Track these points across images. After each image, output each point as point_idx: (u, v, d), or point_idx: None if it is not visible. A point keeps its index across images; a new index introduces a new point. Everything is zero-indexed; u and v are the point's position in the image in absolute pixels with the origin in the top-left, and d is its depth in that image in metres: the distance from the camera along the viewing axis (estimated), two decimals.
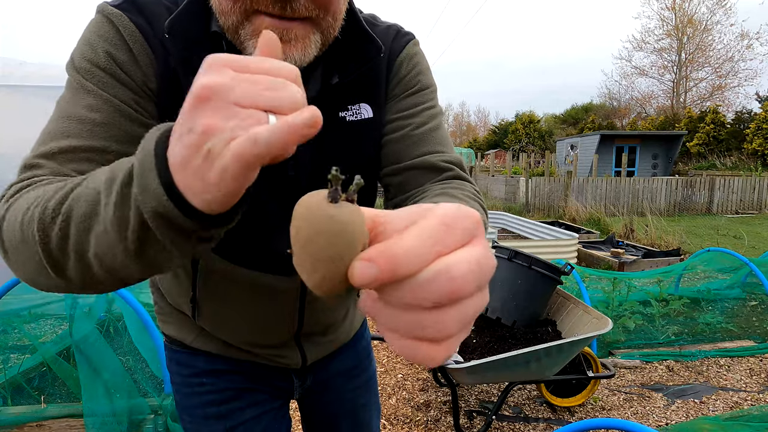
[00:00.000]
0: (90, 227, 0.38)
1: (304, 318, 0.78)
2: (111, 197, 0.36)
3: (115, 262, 0.38)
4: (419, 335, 0.26)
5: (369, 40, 0.65)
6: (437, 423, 2.39)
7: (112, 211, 0.36)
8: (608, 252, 5.81)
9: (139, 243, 0.36)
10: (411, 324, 0.26)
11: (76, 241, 0.39)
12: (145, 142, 0.35)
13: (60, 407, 1.92)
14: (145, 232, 0.35)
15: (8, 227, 0.44)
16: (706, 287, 4.10)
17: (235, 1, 0.52)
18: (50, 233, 0.39)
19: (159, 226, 0.34)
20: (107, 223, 0.36)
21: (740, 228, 8.71)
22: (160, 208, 0.33)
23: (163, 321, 0.84)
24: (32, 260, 0.42)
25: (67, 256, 0.40)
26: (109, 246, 0.37)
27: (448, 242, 0.25)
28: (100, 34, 0.55)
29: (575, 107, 40.62)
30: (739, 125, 23.81)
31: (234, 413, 0.81)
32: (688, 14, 30.95)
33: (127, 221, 0.35)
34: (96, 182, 0.39)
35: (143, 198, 0.34)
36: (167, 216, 0.33)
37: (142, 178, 0.34)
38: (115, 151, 0.53)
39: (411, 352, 0.26)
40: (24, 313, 2.70)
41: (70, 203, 0.39)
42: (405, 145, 0.69)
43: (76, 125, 0.52)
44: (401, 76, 0.71)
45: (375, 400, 1.00)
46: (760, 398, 2.61)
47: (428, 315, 0.25)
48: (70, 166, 0.50)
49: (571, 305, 2.44)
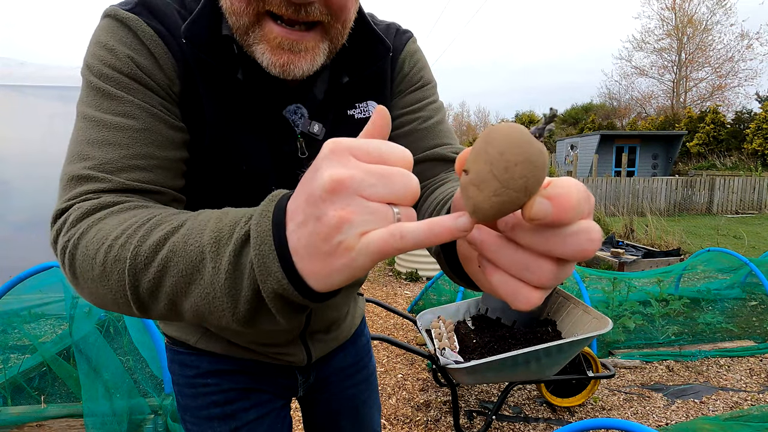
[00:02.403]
0: (190, 282, 0.38)
1: (311, 315, 0.79)
2: (221, 264, 0.37)
3: (216, 320, 0.39)
4: (526, 278, 0.29)
5: (379, 41, 0.66)
6: (437, 423, 2.39)
7: (224, 278, 0.37)
8: (608, 252, 5.81)
9: (250, 312, 0.37)
10: (525, 267, 0.29)
11: (171, 292, 0.39)
12: (259, 217, 0.35)
13: (60, 407, 1.92)
14: (259, 303, 0.37)
15: (84, 259, 0.43)
16: (706, 287, 4.10)
17: (249, 2, 0.52)
18: (141, 278, 0.40)
19: (276, 304, 0.36)
20: (216, 287, 0.37)
21: (740, 228, 8.71)
22: (281, 290, 0.34)
23: (164, 322, 0.84)
24: (112, 295, 0.42)
25: (157, 301, 0.41)
26: (216, 307, 0.38)
27: (586, 209, 0.28)
28: (119, 39, 0.54)
29: (575, 107, 40.60)
30: (739, 125, 23.80)
31: (238, 414, 0.82)
32: (688, 14, 30.93)
33: (239, 290, 0.36)
34: (197, 237, 0.39)
35: (263, 278, 0.35)
36: (286, 296, 0.35)
37: (262, 258, 0.34)
38: (158, 156, 0.53)
39: (513, 291, 0.30)
40: (24, 313, 2.70)
41: (167, 254, 0.39)
42: (414, 138, 0.71)
43: (116, 132, 0.51)
44: (405, 73, 0.73)
45: (375, 397, 1.01)
46: (760, 398, 2.61)
47: (547, 263, 0.28)
48: (124, 176, 0.50)
49: (571, 305, 2.44)
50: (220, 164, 0.61)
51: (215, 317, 0.39)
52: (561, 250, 0.28)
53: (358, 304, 0.99)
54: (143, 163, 0.52)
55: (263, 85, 0.61)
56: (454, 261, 0.45)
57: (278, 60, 0.54)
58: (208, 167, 0.61)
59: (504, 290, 0.30)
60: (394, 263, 5.66)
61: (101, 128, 0.51)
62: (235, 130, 0.61)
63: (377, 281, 5.17)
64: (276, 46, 0.53)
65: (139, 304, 0.41)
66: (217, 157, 0.61)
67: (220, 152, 0.61)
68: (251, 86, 0.60)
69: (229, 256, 0.36)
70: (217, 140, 0.60)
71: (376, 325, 3.83)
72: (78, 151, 0.51)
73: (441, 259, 0.49)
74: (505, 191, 0.26)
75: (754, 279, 3.79)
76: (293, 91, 0.64)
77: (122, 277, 0.40)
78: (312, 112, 0.66)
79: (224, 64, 0.58)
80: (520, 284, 0.30)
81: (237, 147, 0.61)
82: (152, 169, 0.53)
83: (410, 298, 4.48)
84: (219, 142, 0.60)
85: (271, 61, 0.54)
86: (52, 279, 2.38)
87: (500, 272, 0.31)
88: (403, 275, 5.23)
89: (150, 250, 0.40)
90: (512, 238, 0.29)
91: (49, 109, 3.53)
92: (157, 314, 0.42)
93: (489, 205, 0.27)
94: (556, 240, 0.28)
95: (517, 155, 0.26)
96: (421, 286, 4.87)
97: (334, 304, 0.83)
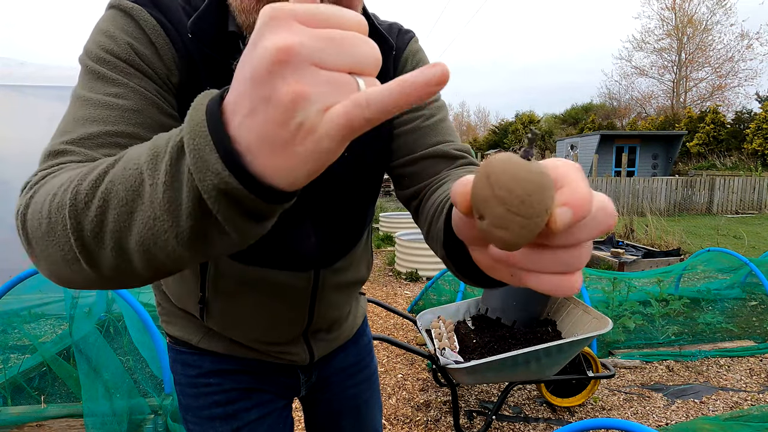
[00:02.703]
0: (132, 211, 0.34)
1: (314, 314, 0.79)
2: (158, 176, 0.32)
3: (163, 250, 0.35)
4: (563, 270, 0.30)
5: (382, 40, 0.66)
6: (437, 423, 2.39)
7: (162, 191, 0.32)
8: (608, 252, 5.81)
9: (194, 225, 0.32)
10: (564, 263, 0.30)
11: (115, 228, 0.35)
12: (192, 112, 0.31)
13: (60, 407, 1.92)
14: (202, 213, 0.32)
15: (32, 216, 0.40)
16: (706, 287, 4.10)
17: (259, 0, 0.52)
18: (83, 219, 0.36)
19: (221, 206, 0.30)
20: (155, 205, 0.33)
21: (740, 228, 8.71)
22: (222, 185, 0.29)
23: (167, 322, 0.84)
24: (60, 250, 0.38)
25: (103, 244, 0.36)
26: (158, 231, 0.33)
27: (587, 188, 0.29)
28: (120, 27, 0.54)
29: (575, 107, 40.59)
30: (739, 125, 23.79)
31: (240, 414, 0.82)
32: (688, 14, 30.93)
33: (180, 203, 0.32)
34: (135, 161, 0.34)
35: (201, 176, 0.29)
36: (232, 194, 0.29)
37: (197, 153, 0.29)
38: (144, 137, 0.50)
39: (557, 285, 0.30)
40: (24, 313, 2.70)
41: (106, 185, 0.35)
42: (417, 136, 0.71)
43: (103, 110, 0.50)
44: (408, 71, 0.73)
45: (377, 397, 1.02)
46: (760, 398, 2.61)
47: (578, 250, 0.30)
48: (102, 151, 0.47)
49: (571, 305, 2.44)
50: None
51: (159, 246, 0.34)
52: (588, 235, 0.29)
53: (360, 303, 0.99)
54: (126, 141, 0.49)
55: None
56: (463, 264, 0.45)
57: None
58: None
59: (546, 287, 0.31)
60: (394, 263, 5.66)
61: (89, 106, 0.50)
62: None
63: (377, 281, 5.17)
64: None
65: (86, 253, 0.37)
66: None
67: None
68: None
69: (165, 165, 0.32)
70: None
71: (376, 325, 3.83)
72: (62, 128, 0.50)
73: (449, 263, 0.49)
74: (529, 222, 0.27)
75: (754, 279, 3.79)
76: None
77: (65, 224, 0.36)
78: None
79: (230, 60, 0.58)
80: (560, 277, 0.30)
81: None
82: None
83: (410, 298, 4.48)
84: None
85: None
86: None
87: (536, 274, 0.31)
88: (403, 275, 5.23)
89: (90, 186, 0.36)
90: (544, 243, 0.30)
91: (49, 109, 3.53)
92: (107, 266, 0.37)
93: (522, 240, 0.27)
94: (581, 230, 0.29)
95: (526, 187, 0.26)
96: (421, 286, 4.86)
97: (335, 302, 0.83)
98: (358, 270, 0.85)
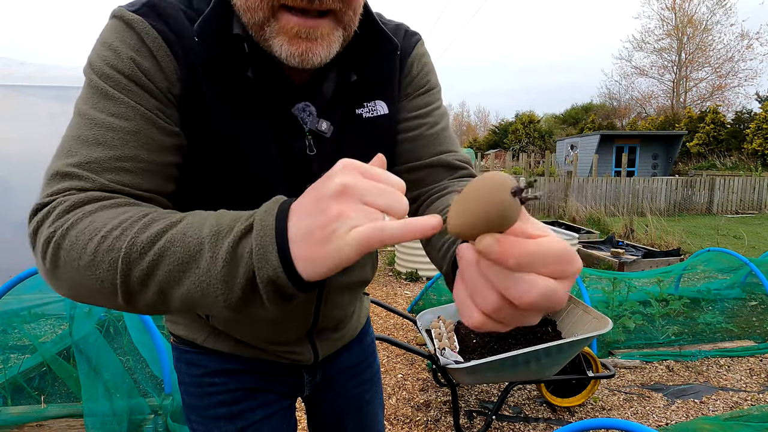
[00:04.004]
0: (185, 270, 0.42)
1: (320, 314, 0.79)
2: (219, 253, 0.41)
3: (207, 306, 0.43)
4: (473, 298, 0.34)
5: (386, 39, 0.67)
6: (437, 423, 2.39)
7: (221, 266, 0.40)
8: (608, 252, 5.81)
9: (242, 298, 0.41)
10: (475, 288, 0.34)
11: (163, 280, 0.42)
12: (264, 214, 0.40)
13: (60, 407, 1.92)
14: (252, 290, 0.41)
15: (71, 248, 0.44)
16: (706, 287, 4.10)
17: None
18: (135, 266, 0.42)
19: (268, 291, 0.40)
20: (212, 273, 0.41)
21: (740, 228, 8.71)
22: (275, 278, 0.39)
23: (171, 322, 0.84)
24: (98, 283, 0.44)
25: (147, 288, 0.43)
26: (209, 293, 0.41)
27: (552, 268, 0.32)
28: (123, 40, 0.55)
29: (575, 107, 40.61)
30: (739, 125, 23.79)
31: (244, 413, 0.82)
32: (688, 14, 30.92)
33: (235, 277, 0.40)
34: (197, 231, 0.42)
35: (260, 265, 0.39)
36: (279, 284, 0.39)
37: (262, 247, 0.39)
38: (146, 159, 0.54)
39: (460, 302, 0.36)
40: (24, 313, 2.70)
41: (165, 243, 0.42)
42: (421, 144, 0.73)
43: (106, 133, 0.52)
44: (413, 75, 0.74)
45: (380, 396, 1.02)
46: (760, 398, 2.61)
47: (492, 294, 0.33)
48: (107, 176, 0.51)
49: (571, 305, 2.44)
50: (227, 162, 0.62)
51: (206, 304, 0.42)
52: (504, 287, 0.32)
53: (364, 303, 0.99)
54: (130, 165, 0.52)
55: (273, 83, 0.62)
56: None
57: (296, 49, 0.55)
58: (214, 166, 0.62)
59: (456, 299, 0.36)
60: (394, 263, 5.66)
61: (92, 126, 0.52)
62: (243, 128, 0.61)
63: (377, 281, 5.17)
64: (294, 35, 0.54)
65: (127, 292, 0.43)
66: (224, 155, 0.61)
67: (227, 150, 0.61)
68: (261, 84, 0.61)
69: (227, 245, 0.40)
70: (223, 138, 0.60)
71: (377, 325, 3.83)
72: (66, 148, 0.52)
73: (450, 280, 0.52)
74: (476, 223, 0.32)
75: (754, 279, 3.79)
76: (302, 90, 0.65)
77: (114, 266, 0.42)
78: (320, 110, 0.66)
79: (235, 63, 0.59)
80: (468, 301, 0.34)
81: (244, 144, 0.62)
82: (140, 173, 0.53)
83: (410, 298, 4.48)
84: (226, 141, 0.61)
85: (290, 52, 0.55)
86: None
87: (462, 284, 0.35)
88: (403, 275, 5.23)
89: (147, 241, 0.42)
90: (479, 262, 0.34)
91: (49, 109, 3.53)
92: (142, 303, 0.44)
93: (460, 225, 0.33)
94: (505, 280, 0.32)
95: (490, 203, 0.31)
96: (421, 286, 4.86)
97: (341, 303, 0.83)
98: (364, 271, 0.86)
